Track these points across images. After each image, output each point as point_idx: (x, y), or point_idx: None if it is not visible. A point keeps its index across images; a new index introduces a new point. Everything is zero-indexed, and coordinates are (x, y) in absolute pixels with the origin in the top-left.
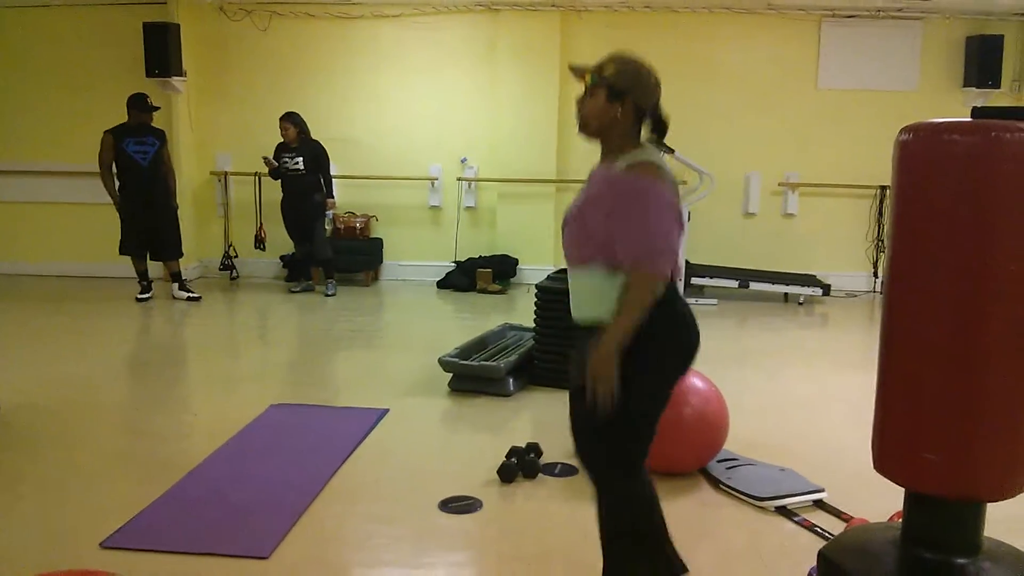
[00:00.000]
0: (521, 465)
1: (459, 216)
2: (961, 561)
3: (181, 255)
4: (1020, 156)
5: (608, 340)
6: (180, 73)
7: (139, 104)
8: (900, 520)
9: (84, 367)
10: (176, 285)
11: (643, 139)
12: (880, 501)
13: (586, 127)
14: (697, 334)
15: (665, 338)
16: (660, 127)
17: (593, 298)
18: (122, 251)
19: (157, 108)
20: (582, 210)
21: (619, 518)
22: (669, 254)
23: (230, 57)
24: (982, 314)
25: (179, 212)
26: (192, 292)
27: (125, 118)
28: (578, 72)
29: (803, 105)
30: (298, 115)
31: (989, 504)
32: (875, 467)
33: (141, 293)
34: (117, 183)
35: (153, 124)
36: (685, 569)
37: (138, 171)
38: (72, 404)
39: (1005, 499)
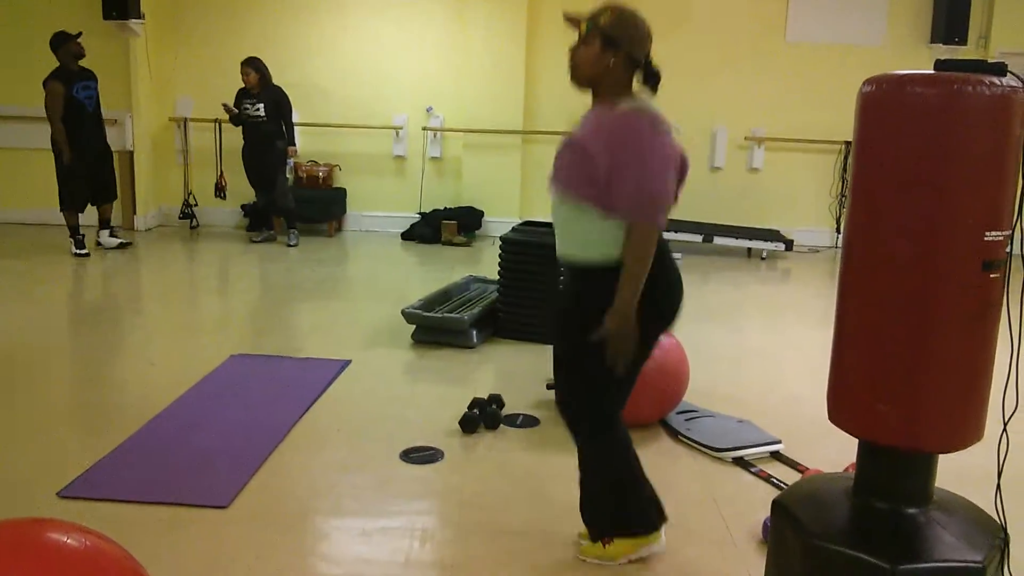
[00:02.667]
0: (483, 416)
1: (424, 166)
2: (912, 511)
3: (116, 197)
4: (981, 109)
5: (622, 300)
6: (138, 15)
7: (72, 44)
8: (853, 471)
9: (34, 316)
10: (107, 232)
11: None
12: (835, 453)
13: (578, 76)
14: (681, 290)
15: (651, 295)
16: (652, 78)
17: (583, 239)
18: (65, 207)
19: (83, 51)
20: (579, 141)
21: (601, 469)
22: (665, 200)
23: None
24: (937, 268)
25: (136, 159)
26: (121, 238)
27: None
28: (573, 21)
29: (772, 59)
30: (260, 60)
31: (941, 456)
32: (829, 418)
33: (79, 248)
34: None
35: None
36: (665, 517)
37: (86, 117)
38: (23, 353)
39: (955, 451)
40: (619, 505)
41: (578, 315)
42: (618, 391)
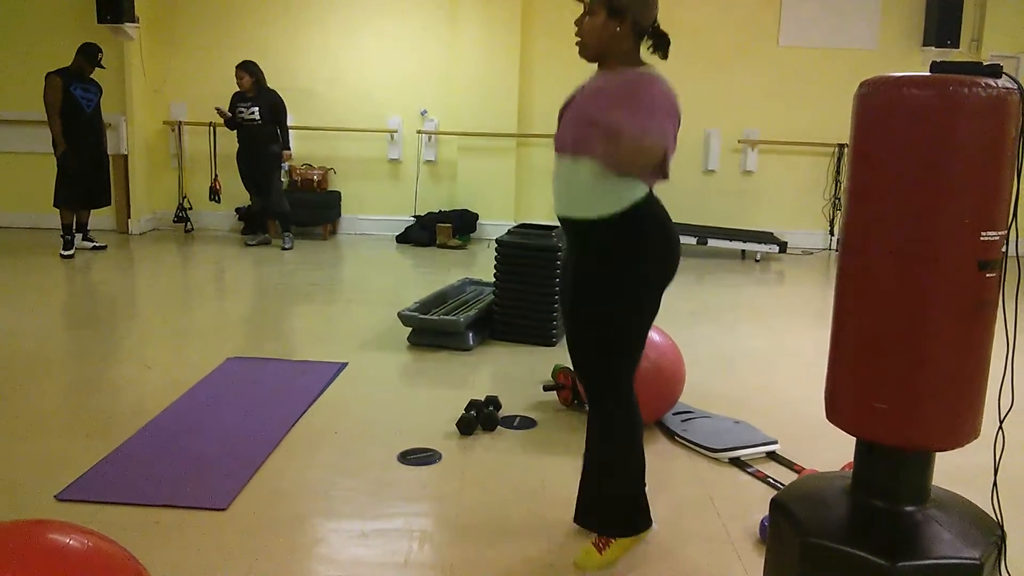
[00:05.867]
0: (480, 418)
1: (419, 170)
2: (910, 509)
3: (111, 203)
4: (977, 111)
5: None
6: (133, 19)
7: (92, 57)
8: (850, 470)
9: (29, 320)
10: (81, 235)
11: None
12: (831, 453)
13: (586, 48)
14: (678, 243)
15: (650, 251)
16: (662, 43)
17: (584, 194)
18: (59, 203)
19: (103, 67)
20: (585, 97)
21: (625, 443)
22: (665, 143)
23: (184, 3)
24: (933, 267)
25: (131, 163)
26: (96, 241)
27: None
28: None
29: (764, 62)
30: (254, 64)
31: (938, 455)
32: (827, 417)
33: (66, 248)
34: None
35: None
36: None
37: (84, 117)
38: (19, 357)
39: (952, 449)
40: (634, 503)
41: (585, 276)
42: (632, 351)
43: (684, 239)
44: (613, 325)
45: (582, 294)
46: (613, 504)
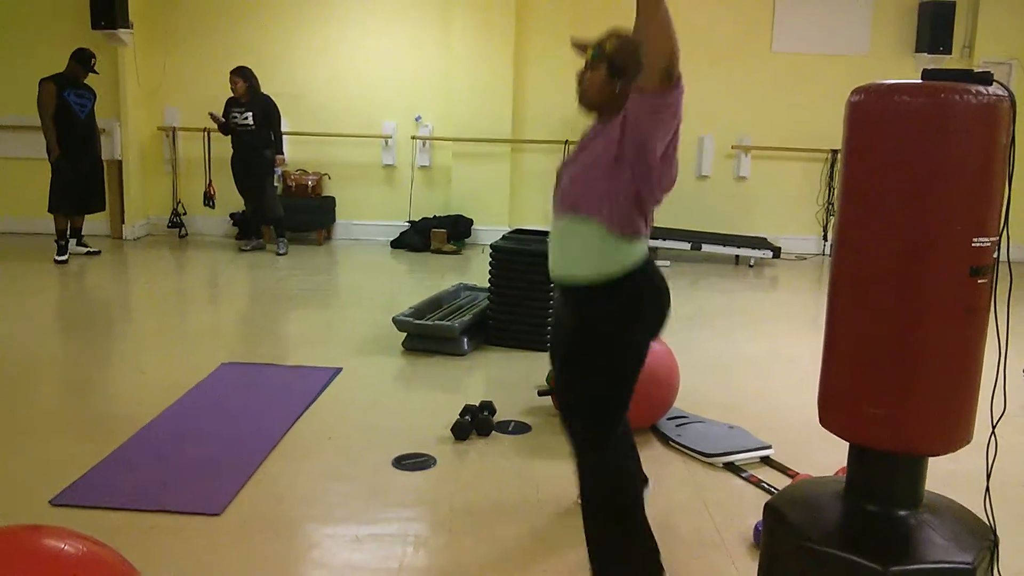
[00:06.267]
0: (475, 423)
1: (413, 175)
2: (903, 513)
3: (105, 208)
4: (968, 118)
5: None
6: (127, 25)
7: (85, 62)
8: (844, 475)
9: (23, 325)
10: (75, 240)
11: None
12: (825, 458)
13: (586, 100)
14: (668, 297)
15: (637, 304)
16: None
17: (581, 255)
18: (53, 209)
19: (97, 73)
20: (584, 154)
21: (595, 488)
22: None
23: (178, 9)
24: (925, 273)
25: (125, 168)
26: (89, 247)
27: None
28: (580, 47)
29: (757, 68)
30: (248, 69)
31: (930, 460)
32: (820, 422)
33: (60, 254)
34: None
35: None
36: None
37: (78, 123)
38: (13, 362)
39: (944, 454)
40: (629, 560)
41: (576, 336)
42: (619, 407)
43: (678, 244)
44: (614, 381)
45: (572, 352)
46: (612, 565)
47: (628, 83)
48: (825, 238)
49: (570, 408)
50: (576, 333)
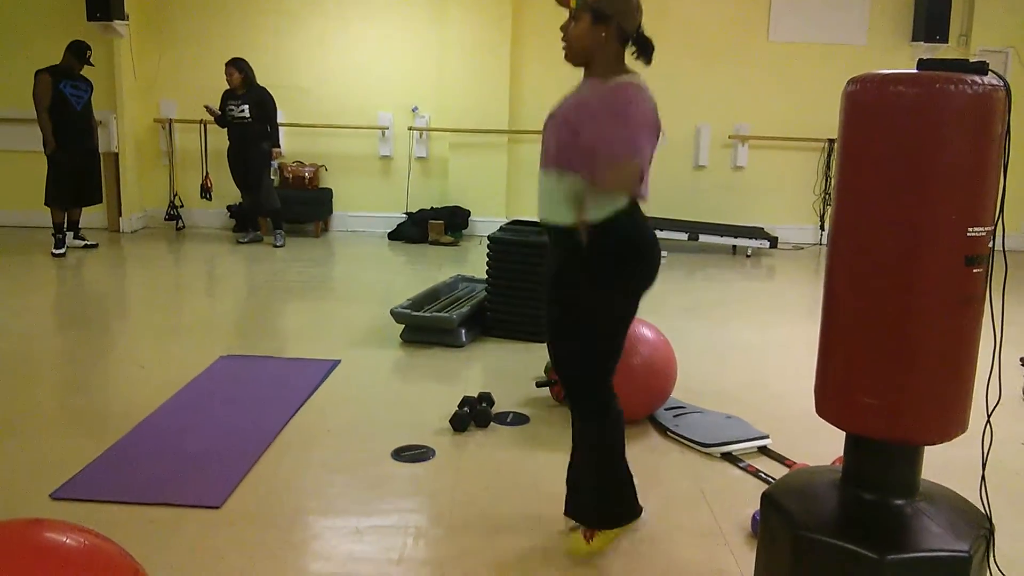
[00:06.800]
0: (473, 414)
1: (410, 166)
2: (899, 502)
3: (101, 201)
4: (963, 108)
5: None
6: (122, 17)
7: (80, 54)
8: (841, 465)
9: (21, 319)
10: (72, 233)
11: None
12: (823, 447)
13: (571, 53)
14: (658, 251)
15: (629, 258)
16: (646, 49)
17: (564, 202)
18: (50, 201)
19: (92, 65)
20: (568, 110)
21: (601, 444)
22: (641, 164)
23: (174, 1)
24: (921, 263)
25: (121, 160)
26: (87, 240)
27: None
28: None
29: (754, 57)
30: (244, 61)
31: (926, 449)
32: (817, 411)
33: (57, 247)
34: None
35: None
36: (640, 510)
37: (74, 115)
38: (11, 356)
39: (940, 442)
40: (616, 497)
41: (565, 279)
42: (610, 352)
43: (675, 235)
44: (591, 326)
45: (561, 296)
46: (596, 498)
47: (613, 30)
48: (822, 228)
49: (562, 357)
50: (562, 274)
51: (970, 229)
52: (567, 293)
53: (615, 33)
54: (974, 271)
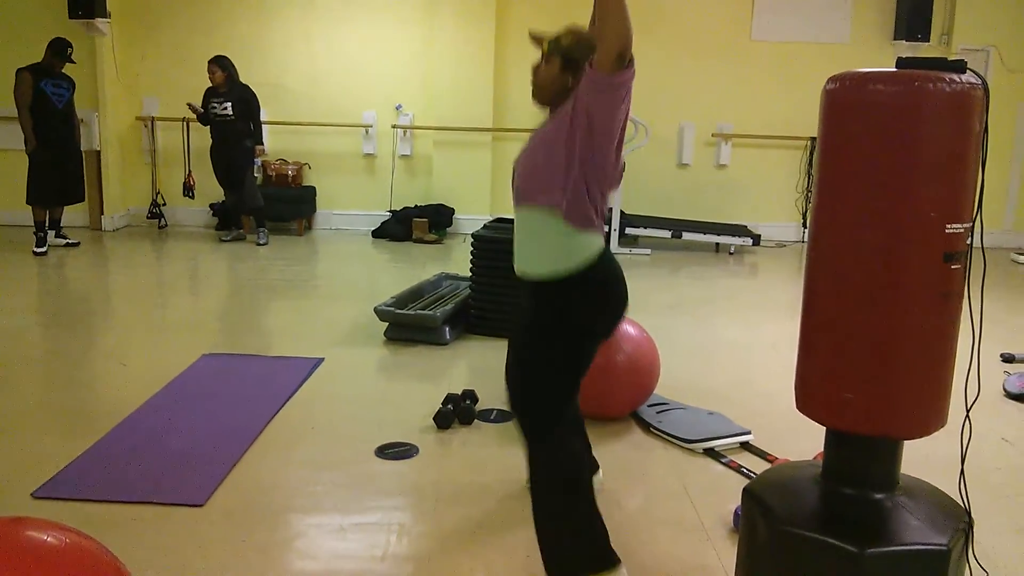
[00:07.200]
0: (457, 412)
1: (394, 164)
2: (879, 496)
3: (84, 199)
4: (942, 106)
5: None
6: (104, 14)
7: (61, 52)
8: (822, 460)
9: (2, 318)
10: (54, 232)
11: None
12: (805, 443)
13: (540, 94)
14: (627, 298)
15: (599, 310)
16: None
17: (540, 251)
18: (32, 200)
19: (74, 62)
20: (536, 144)
21: (543, 473)
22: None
23: None
24: (900, 259)
25: (103, 159)
26: (69, 238)
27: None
28: (537, 40)
29: (737, 56)
30: (227, 58)
31: (906, 443)
32: (797, 407)
33: (39, 246)
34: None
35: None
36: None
37: (55, 113)
38: None
39: (919, 437)
40: (585, 552)
41: (533, 324)
42: (566, 395)
43: (659, 232)
44: (565, 368)
45: (524, 345)
46: (564, 556)
47: (580, 78)
48: (805, 225)
49: (517, 397)
50: (531, 326)
51: (948, 226)
52: (542, 340)
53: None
54: (952, 267)
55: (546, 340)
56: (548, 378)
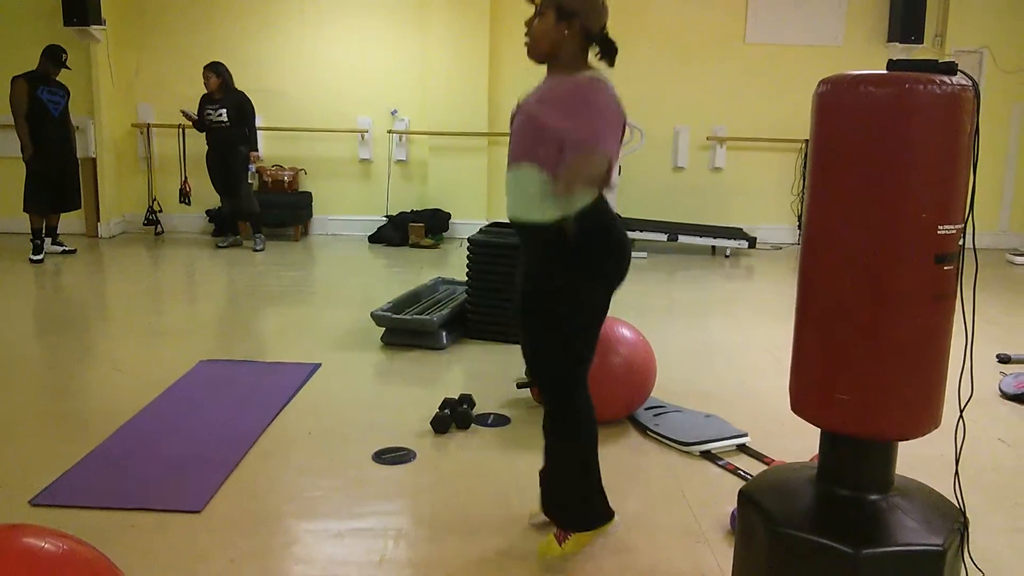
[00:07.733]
0: (454, 416)
1: (390, 169)
2: (874, 497)
3: (80, 207)
4: (932, 108)
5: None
6: (99, 21)
7: (56, 59)
8: (817, 461)
9: (0, 326)
10: (50, 239)
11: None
12: (800, 445)
13: (534, 49)
14: (628, 243)
15: (599, 252)
16: (609, 51)
17: (533, 198)
18: (28, 208)
19: (69, 68)
20: (532, 104)
21: (572, 439)
22: (608, 154)
23: (151, 5)
24: (892, 261)
25: (99, 165)
26: (65, 245)
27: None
28: None
29: (731, 59)
30: (222, 65)
31: (901, 444)
32: (792, 408)
33: (35, 253)
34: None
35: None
36: (612, 514)
37: (51, 120)
38: None
39: (913, 438)
40: (591, 499)
41: (537, 277)
42: (584, 349)
43: (655, 235)
44: (571, 319)
45: (535, 294)
46: (569, 501)
47: (577, 27)
48: (800, 227)
49: (540, 355)
50: (538, 270)
51: (940, 227)
52: (545, 289)
53: (578, 31)
54: (944, 269)
55: (551, 293)
56: (566, 329)
